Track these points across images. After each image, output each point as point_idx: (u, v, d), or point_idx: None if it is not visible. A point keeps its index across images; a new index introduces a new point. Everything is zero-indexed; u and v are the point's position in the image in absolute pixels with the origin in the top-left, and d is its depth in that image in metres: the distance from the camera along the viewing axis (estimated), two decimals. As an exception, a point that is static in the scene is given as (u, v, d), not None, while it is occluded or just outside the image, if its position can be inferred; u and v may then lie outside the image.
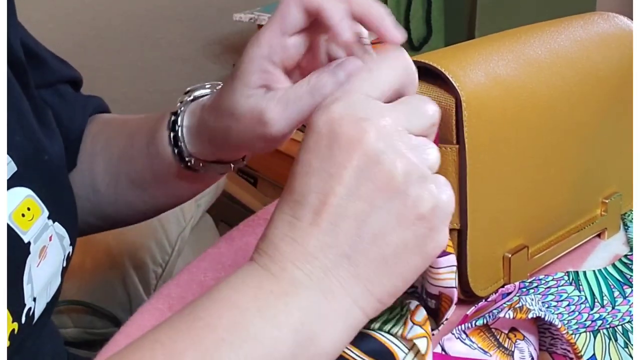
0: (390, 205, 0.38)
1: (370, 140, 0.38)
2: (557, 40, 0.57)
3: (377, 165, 0.38)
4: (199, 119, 0.57)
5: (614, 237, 0.64)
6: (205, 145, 0.58)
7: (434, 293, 0.45)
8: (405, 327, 0.44)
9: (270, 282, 0.39)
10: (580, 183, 0.60)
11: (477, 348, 0.46)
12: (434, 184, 0.39)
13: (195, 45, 2.02)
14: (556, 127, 0.56)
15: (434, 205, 0.39)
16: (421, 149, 0.39)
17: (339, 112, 0.39)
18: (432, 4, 1.65)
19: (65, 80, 0.70)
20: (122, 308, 1.01)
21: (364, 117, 0.39)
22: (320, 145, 0.39)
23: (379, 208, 0.38)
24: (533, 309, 0.45)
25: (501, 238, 0.55)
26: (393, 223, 0.38)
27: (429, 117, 0.41)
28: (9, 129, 0.52)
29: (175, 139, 0.58)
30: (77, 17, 1.80)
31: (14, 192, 0.52)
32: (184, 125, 0.58)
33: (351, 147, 0.38)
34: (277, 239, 0.40)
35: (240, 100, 0.50)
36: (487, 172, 0.52)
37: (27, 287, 0.52)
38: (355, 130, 0.38)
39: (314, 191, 0.39)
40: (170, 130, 0.59)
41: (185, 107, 0.58)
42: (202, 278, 0.62)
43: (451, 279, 0.44)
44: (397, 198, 0.38)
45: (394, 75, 0.42)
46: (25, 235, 0.52)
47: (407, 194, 0.38)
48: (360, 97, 0.40)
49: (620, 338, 0.52)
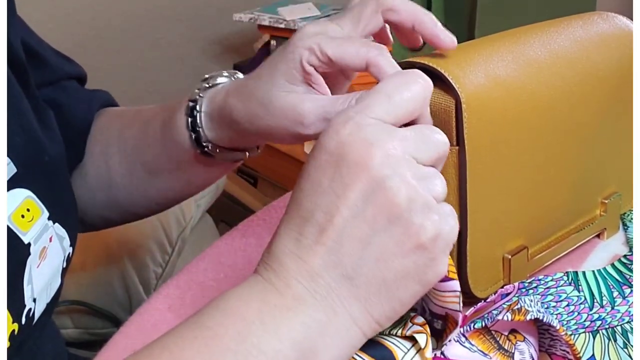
0: (392, 231, 0.39)
1: (378, 165, 0.39)
2: (557, 40, 0.57)
3: (382, 190, 0.39)
4: (220, 104, 0.56)
5: (613, 237, 0.64)
6: (225, 131, 0.57)
7: (440, 314, 0.45)
8: (405, 327, 0.45)
9: (275, 297, 0.40)
10: (580, 183, 0.60)
11: (476, 350, 0.46)
12: (438, 214, 0.39)
13: (195, 45, 2.02)
14: (556, 128, 0.56)
15: (435, 235, 0.39)
16: (428, 179, 0.40)
17: (350, 134, 0.40)
18: (432, 4, 1.65)
19: (69, 77, 0.70)
20: (122, 308, 1.01)
21: (373, 142, 0.39)
22: (329, 164, 0.40)
23: (381, 232, 0.39)
24: (531, 310, 0.45)
25: (501, 239, 0.55)
26: (394, 249, 0.39)
27: (439, 147, 0.41)
28: (9, 130, 0.52)
29: (193, 124, 0.58)
30: (77, 17, 1.79)
31: (14, 193, 0.52)
32: (203, 111, 0.58)
33: (359, 170, 0.39)
34: (282, 255, 0.41)
35: (278, 94, 0.50)
36: (487, 173, 0.52)
37: (27, 288, 0.52)
38: (364, 153, 0.39)
39: (321, 209, 0.40)
40: (188, 116, 0.58)
41: (204, 94, 0.58)
42: (201, 278, 0.62)
43: (455, 303, 0.44)
44: (400, 224, 0.39)
45: (413, 104, 0.41)
46: (25, 237, 0.52)
47: (409, 221, 0.39)
48: (372, 121, 0.40)
49: (619, 338, 0.52)
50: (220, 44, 2.06)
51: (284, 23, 1.68)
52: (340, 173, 0.39)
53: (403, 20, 0.51)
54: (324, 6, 1.77)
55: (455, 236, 0.40)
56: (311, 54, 0.49)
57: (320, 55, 0.49)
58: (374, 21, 0.51)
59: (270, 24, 1.70)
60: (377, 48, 0.49)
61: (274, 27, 1.70)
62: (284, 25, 1.68)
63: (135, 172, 0.66)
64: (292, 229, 0.41)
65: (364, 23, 0.51)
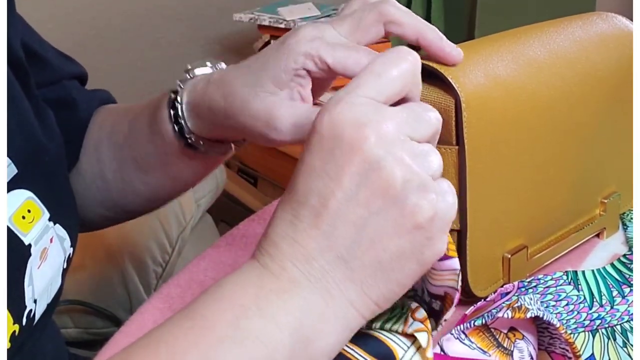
0: (388, 213, 0.38)
1: (371, 146, 0.38)
2: (557, 40, 0.57)
3: (376, 172, 0.38)
4: (200, 93, 0.55)
5: (612, 237, 0.64)
6: (204, 122, 0.56)
7: (438, 294, 0.45)
8: (406, 324, 0.45)
9: (270, 281, 0.39)
10: (580, 183, 0.60)
11: (476, 348, 0.46)
12: (435, 192, 0.39)
13: (195, 45, 2.02)
14: (556, 128, 0.56)
15: (432, 214, 0.38)
16: (423, 156, 0.39)
17: (342, 115, 0.39)
18: (432, 4, 1.65)
19: (71, 77, 0.70)
20: (122, 308, 1.01)
21: (365, 122, 0.38)
22: (322, 147, 0.39)
23: (376, 214, 0.38)
24: (531, 308, 0.45)
25: (501, 238, 0.55)
26: (390, 230, 0.39)
27: (432, 124, 0.40)
28: (9, 131, 0.52)
29: (176, 116, 0.57)
30: (77, 17, 1.80)
31: (15, 194, 0.52)
32: (184, 102, 0.57)
33: (352, 152, 0.38)
34: (278, 238, 0.40)
35: (258, 95, 0.49)
36: (487, 173, 0.52)
37: (28, 289, 0.52)
38: (357, 135, 0.38)
39: (315, 193, 0.39)
40: (170, 109, 0.58)
41: (185, 85, 0.57)
42: (202, 277, 0.63)
43: (454, 281, 0.44)
44: (395, 206, 0.38)
45: (402, 81, 0.41)
46: (25, 238, 0.52)
47: (405, 202, 0.38)
48: (363, 100, 0.39)
49: (618, 337, 0.52)
50: (220, 44, 2.06)
51: (284, 23, 1.68)
52: (333, 155, 0.39)
53: (406, 34, 0.50)
54: (324, 6, 1.77)
55: (454, 213, 0.39)
56: (308, 60, 0.48)
57: (318, 62, 0.48)
58: (373, 31, 0.50)
59: (270, 24, 1.70)
60: None
61: (274, 27, 1.70)
62: (284, 25, 1.68)
63: (125, 168, 0.66)
64: (287, 213, 0.40)
65: (362, 32, 0.50)
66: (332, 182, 0.39)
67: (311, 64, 0.49)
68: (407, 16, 0.49)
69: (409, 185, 0.38)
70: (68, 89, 0.68)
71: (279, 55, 0.49)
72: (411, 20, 0.49)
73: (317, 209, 0.39)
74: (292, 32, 0.51)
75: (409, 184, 0.38)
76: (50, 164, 0.58)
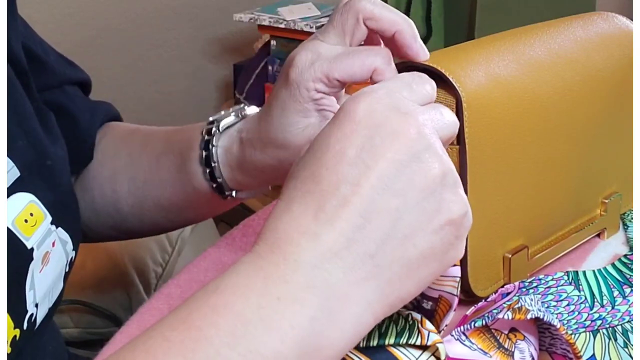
0: (424, 206, 0.37)
1: (413, 136, 0.37)
2: (557, 40, 0.57)
3: (417, 163, 0.37)
4: (238, 157, 0.58)
5: (613, 237, 0.64)
6: (249, 179, 0.59)
7: (432, 296, 0.45)
8: (423, 336, 0.44)
9: (278, 287, 0.36)
10: (580, 183, 0.60)
11: (477, 349, 0.46)
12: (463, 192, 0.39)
13: (195, 45, 2.02)
14: (556, 128, 0.56)
15: (465, 212, 0.38)
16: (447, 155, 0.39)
17: (383, 102, 0.38)
18: (432, 4, 1.65)
19: (72, 82, 0.69)
20: (123, 308, 1.01)
21: (407, 112, 0.38)
22: (358, 134, 0.37)
23: (412, 207, 0.37)
24: (532, 309, 0.45)
25: (501, 238, 0.55)
26: (424, 225, 0.37)
27: (453, 128, 0.40)
28: (11, 134, 0.52)
29: (212, 174, 0.59)
30: (77, 17, 1.80)
31: (17, 197, 0.52)
32: (220, 162, 0.59)
33: (394, 139, 0.37)
34: (296, 234, 0.37)
35: (295, 133, 0.51)
36: (488, 173, 0.52)
37: (30, 293, 0.51)
38: (400, 122, 0.37)
39: (348, 181, 0.37)
40: (205, 166, 0.60)
41: (217, 141, 0.59)
42: (202, 278, 0.63)
43: (453, 287, 0.44)
44: (433, 199, 0.37)
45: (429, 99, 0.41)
46: (28, 241, 0.51)
47: (442, 196, 0.37)
48: (398, 95, 0.39)
49: (619, 338, 0.52)
50: (220, 44, 2.06)
51: (284, 23, 1.68)
52: (372, 143, 0.37)
53: (383, 28, 0.50)
54: (323, 6, 1.77)
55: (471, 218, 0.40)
56: (318, 83, 0.49)
57: (328, 82, 0.49)
58: (359, 31, 0.50)
59: (270, 24, 1.70)
60: (381, 56, 0.49)
61: (274, 27, 1.70)
62: (284, 25, 1.68)
63: (145, 205, 0.66)
64: (308, 206, 0.37)
65: (349, 36, 0.51)
66: (369, 169, 0.37)
67: (322, 86, 0.50)
68: (383, 10, 0.50)
69: (446, 180, 0.38)
70: (70, 96, 0.67)
71: (291, 93, 0.51)
72: (388, 15, 0.50)
73: (349, 198, 0.36)
74: (289, 64, 0.52)
75: (446, 180, 0.38)
76: (52, 167, 0.57)
